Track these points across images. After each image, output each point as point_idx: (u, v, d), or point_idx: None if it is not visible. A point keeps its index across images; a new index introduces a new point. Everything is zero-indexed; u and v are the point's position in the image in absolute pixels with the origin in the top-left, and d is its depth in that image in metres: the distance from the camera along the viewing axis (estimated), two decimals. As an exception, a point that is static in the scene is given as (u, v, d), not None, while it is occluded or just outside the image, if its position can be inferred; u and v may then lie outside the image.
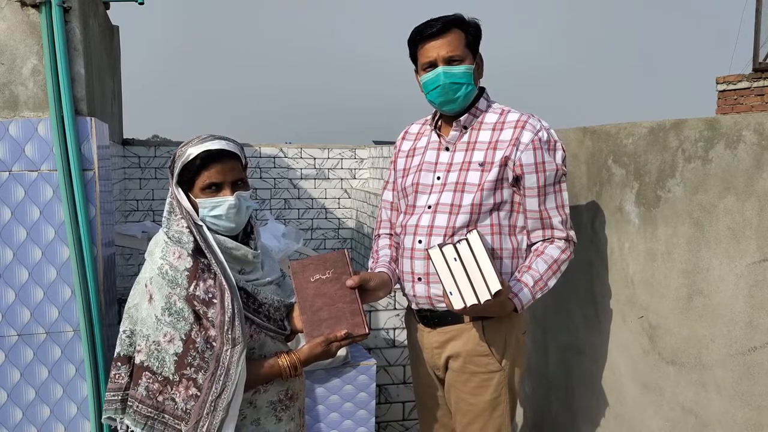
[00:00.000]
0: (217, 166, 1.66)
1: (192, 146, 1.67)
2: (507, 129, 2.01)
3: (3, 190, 2.34)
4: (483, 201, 1.97)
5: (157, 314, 1.63)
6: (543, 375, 2.73)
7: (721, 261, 1.81)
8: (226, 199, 1.66)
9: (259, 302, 1.74)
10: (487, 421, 2.04)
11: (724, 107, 9.47)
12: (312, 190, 7.10)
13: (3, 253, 2.36)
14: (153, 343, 1.63)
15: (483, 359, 2.02)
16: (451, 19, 1.98)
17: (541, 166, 1.98)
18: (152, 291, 1.65)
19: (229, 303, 1.62)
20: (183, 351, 1.60)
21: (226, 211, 1.67)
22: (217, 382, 1.59)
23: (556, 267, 2.01)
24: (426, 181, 2.07)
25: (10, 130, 2.34)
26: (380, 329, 3.13)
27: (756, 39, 9.28)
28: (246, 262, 1.75)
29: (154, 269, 1.66)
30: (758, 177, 1.70)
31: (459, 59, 1.97)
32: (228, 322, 1.61)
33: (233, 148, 1.69)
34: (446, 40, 1.96)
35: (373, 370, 2.73)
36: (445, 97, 1.99)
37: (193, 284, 1.63)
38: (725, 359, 1.82)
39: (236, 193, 1.68)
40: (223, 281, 1.64)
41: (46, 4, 2.30)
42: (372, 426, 2.76)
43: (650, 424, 2.11)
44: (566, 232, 2.05)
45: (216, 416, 1.59)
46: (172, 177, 1.71)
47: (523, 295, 1.95)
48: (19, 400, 2.42)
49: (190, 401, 1.60)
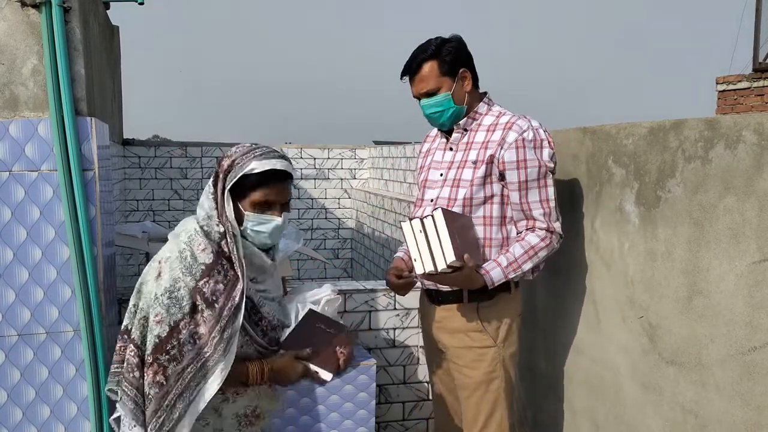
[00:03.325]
0: (277, 187, 1.70)
1: (256, 159, 1.67)
2: (498, 130, 2.21)
3: (3, 190, 2.34)
4: (474, 195, 2.20)
5: (158, 292, 1.63)
6: (542, 375, 2.73)
7: (721, 261, 1.81)
8: (275, 219, 1.70)
9: (261, 315, 1.75)
10: (483, 395, 2.25)
11: (724, 107, 9.47)
12: (312, 190, 7.10)
13: (3, 253, 2.36)
14: (143, 318, 1.64)
15: (477, 334, 2.25)
16: (423, 56, 2.19)
17: (523, 163, 2.16)
18: (163, 269, 1.66)
19: (227, 315, 1.63)
20: (166, 337, 1.60)
21: (271, 231, 1.71)
22: (183, 379, 1.59)
23: (532, 252, 2.18)
24: (433, 178, 2.34)
25: (10, 130, 2.34)
26: (380, 329, 3.13)
27: (756, 39, 9.28)
28: (262, 270, 1.77)
29: (174, 250, 1.67)
30: (758, 177, 1.70)
31: (434, 91, 2.20)
32: (219, 330, 1.61)
33: (292, 171, 1.73)
34: (420, 77, 2.20)
35: (373, 370, 2.73)
36: (433, 122, 2.29)
37: (204, 280, 1.64)
38: (725, 359, 1.82)
39: (284, 215, 1.72)
40: (236, 293, 1.65)
41: (46, 4, 2.30)
42: (372, 426, 2.76)
43: (650, 424, 2.11)
44: (547, 223, 2.21)
45: (174, 412, 1.59)
46: (220, 180, 1.70)
47: (495, 273, 2.15)
48: (19, 400, 2.42)
49: (154, 387, 1.60)
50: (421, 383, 3.20)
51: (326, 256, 7.10)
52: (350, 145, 7.19)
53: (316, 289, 2.63)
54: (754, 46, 9.29)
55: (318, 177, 7.06)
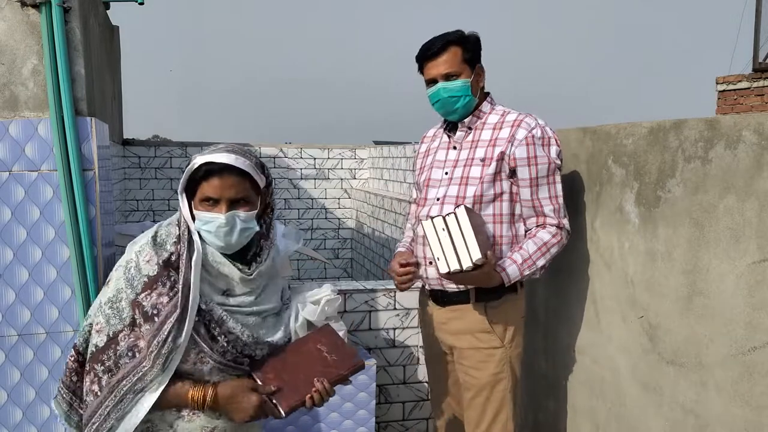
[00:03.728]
0: (216, 181, 1.55)
1: (201, 155, 1.58)
2: (505, 128, 2.21)
3: (3, 190, 2.34)
4: (484, 192, 2.18)
5: (102, 300, 1.60)
6: (543, 375, 2.73)
7: (721, 261, 1.81)
8: (217, 217, 1.55)
9: (225, 330, 1.58)
10: (490, 395, 2.23)
11: (724, 107, 9.47)
12: (312, 190, 7.10)
13: (3, 253, 2.36)
14: (89, 324, 1.61)
15: (485, 335, 2.22)
16: (448, 38, 2.19)
17: (533, 160, 2.17)
18: (112, 278, 1.62)
19: (168, 329, 1.52)
20: (103, 347, 1.56)
21: (216, 229, 1.55)
22: (119, 391, 1.54)
23: (545, 249, 2.19)
24: (436, 177, 2.31)
25: (10, 130, 2.34)
26: (380, 329, 3.13)
27: (756, 39, 9.28)
28: (231, 282, 1.62)
29: (123, 261, 1.62)
30: (758, 177, 1.70)
31: (456, 75, 2.19)
32: (157, 344, 1.52)
33: (242, 164, 1.56)
34: (444, 58, 2.18)
35: (373, 370, 2.73)
36: (445, 109, 2.24)
37: (146, 293, 1.56)
38: (725, 359, 1.82)
39: (228, 213, 1.55)
40: (181, 305, 1.53)
41: (46, 4, 2.30)
42: (372, 426, 2.76)
43: (650, 424, 2.11)
44: (558, 219, 2.23)
45: (108, 422, 1.55)
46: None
47: (511, 270, 2.15)
48: (19, 400, 2.42)
49: (90, 395, 1.57)
50: (421, 383, 3.20)
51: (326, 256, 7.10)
52: (350, 145, 7.18)
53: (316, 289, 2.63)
54: (754, 46, 9.29)
55: (318, 177, 7.06)
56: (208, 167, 1.54)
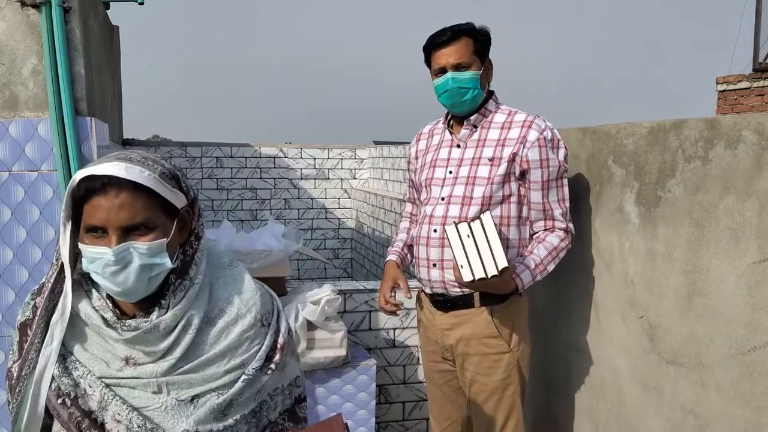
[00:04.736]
0: (100, 201, 1.07)
1: (85, 167, 1.12)
2: (515, 128, 2.16)
3: (3, 190, 2.34)
4: (493, 193, 2.13)
5: None
6: (543, 375, 2.73)
7: (721, 261, 1.81)
8: (103, 252, 1.08)
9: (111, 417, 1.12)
10: (499, 401, 2.20)
11: (724, 107, 9.47)
12: (312, 190, 7.10)
13: (3, 253, 2.36)
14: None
15: (492, 341, 2.17)
16: (461, 27, 2.13)
17: (546, 162, 2.13)
18: None
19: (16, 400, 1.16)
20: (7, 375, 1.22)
21: (102, 269, 1.09)
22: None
23: (555, 254, 2.17)
24: (439, 175, 2.24)
25: (10, 130, 2.34)
26: (380, 329, 3.13)
27: (756, 39, 9.28)
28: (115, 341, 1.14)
29: None
30: (758, 177, 1.70)
31: (466, 65, 2.12)
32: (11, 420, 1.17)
33: (137, 176, 1.08)
34: (455, 47, 2.11)
35: (373, 370, 2.73)
36: (453, 100, 2.15)
37: (15, 356, 1.19)
38: (725, 359, 1.82)
39: (120, 245, 1.07)
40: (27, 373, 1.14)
41: (46, 4, 2.30)
42: (372, 426, 2.76)
43: (650, 424, 2.11)
44: (566, 223, 2.20)
45: None
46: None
47: (524, 276, 2.11)
48: (19, 400, 2.42)
49: None
50: (421, 383, 3.19)
51: (326, 256, 7.10)
52: (350, 145, 7.18)
53: (316, 289, 2.63)
54: (754, 46, 9.29)
55: (318, 177, 7.06)
56: (87, 184, 1.08)
